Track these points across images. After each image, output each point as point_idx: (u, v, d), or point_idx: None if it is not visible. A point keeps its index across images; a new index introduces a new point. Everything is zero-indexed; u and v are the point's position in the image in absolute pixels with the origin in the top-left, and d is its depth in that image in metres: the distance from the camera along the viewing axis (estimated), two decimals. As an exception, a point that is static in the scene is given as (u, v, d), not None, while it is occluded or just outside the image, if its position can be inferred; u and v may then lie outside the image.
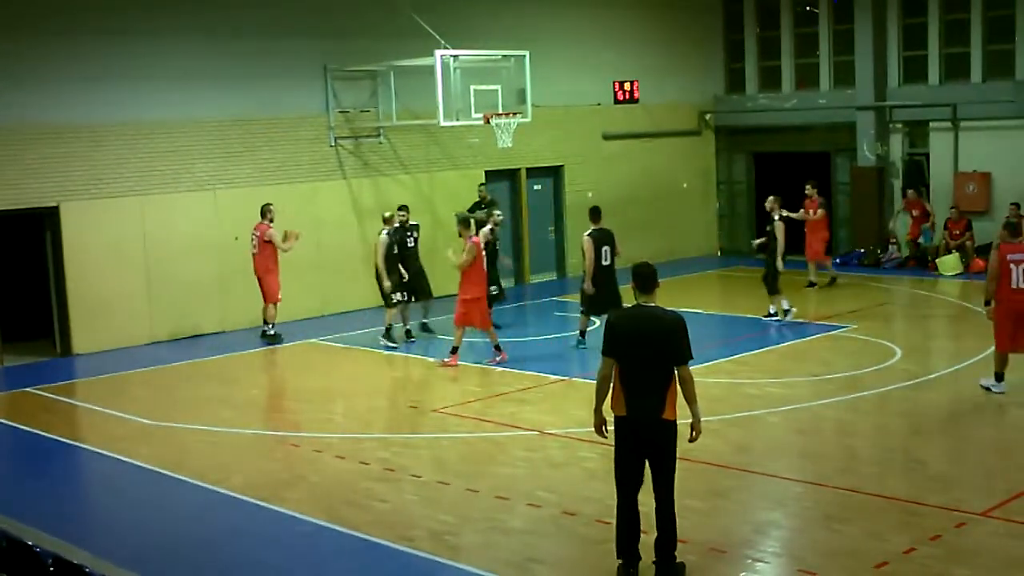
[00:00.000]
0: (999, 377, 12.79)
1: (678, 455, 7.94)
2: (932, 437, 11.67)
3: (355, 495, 10.10)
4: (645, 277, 7.97)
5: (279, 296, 17.37)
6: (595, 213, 15.84)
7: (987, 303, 12.81)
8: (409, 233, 17.25)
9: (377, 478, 10.60)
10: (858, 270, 22.82)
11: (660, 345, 7.81)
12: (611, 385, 7.95)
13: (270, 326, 17.46)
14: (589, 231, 15.73)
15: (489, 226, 17.18)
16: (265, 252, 17.14)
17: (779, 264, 17.21)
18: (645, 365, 7.81)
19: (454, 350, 15.28)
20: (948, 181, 23.10)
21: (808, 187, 21.23)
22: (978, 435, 11.68)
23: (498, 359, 15.25)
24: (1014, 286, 12.45)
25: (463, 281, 15.16)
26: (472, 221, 15.82)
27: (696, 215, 26.35)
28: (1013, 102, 21.94)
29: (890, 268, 22.89)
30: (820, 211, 20.97)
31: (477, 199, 20.24)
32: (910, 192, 23.10)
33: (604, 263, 15.59)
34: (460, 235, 15.53)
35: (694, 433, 8.00)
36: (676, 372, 7.85)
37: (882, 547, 8.35)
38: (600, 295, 15.40)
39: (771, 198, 17.81)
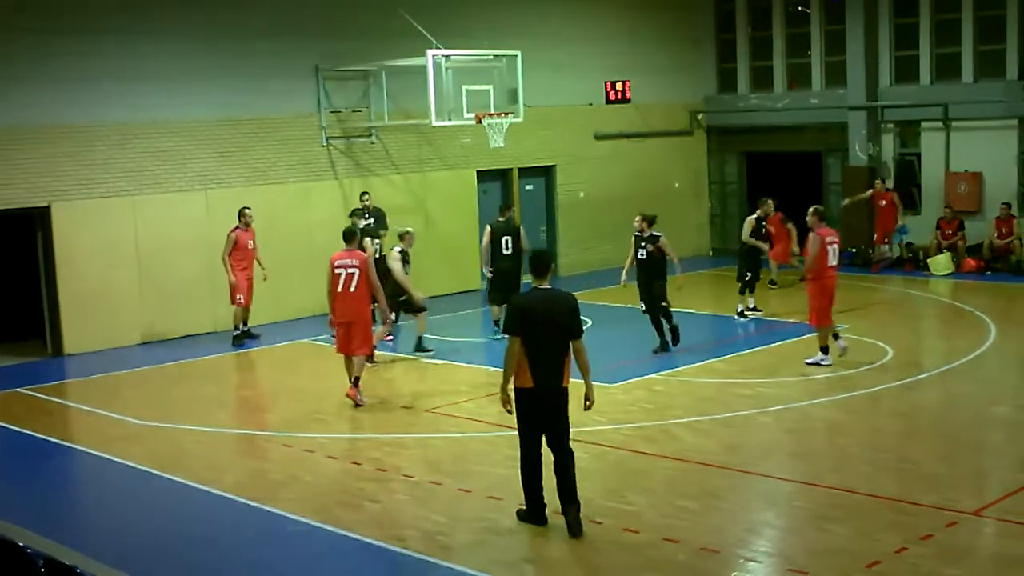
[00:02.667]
0: (826, 350, 14.13)
1: (670, 456, 7.97)
2: (924, 436, 11.69)
3: (347, 495, 10.10)
4: (542, 263, 9.13)
5: (236, 299, 17.34)
6: (503, 207, 17.51)
7: (803, 279, 14.83)
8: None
9: (369, 478, 10.60)
10: (849, 270, 22.81)
11: (563, 322, 8.82)
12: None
13: (236, 328, 17.56)
14: (492, 222, 17.21)
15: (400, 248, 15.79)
16: (232, 254, 17.27)
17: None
18: (551, 340, 8.76)
19: (355, 381, 13.33)
20: (939, 181, 23.14)
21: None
22: (969, 434, 11.70)
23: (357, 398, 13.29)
24: (831, 263, 14.12)
25: None
26: (356, 234, 14.22)
27: (688, 215, 26.34)
28: (1004, 102, 21.99)
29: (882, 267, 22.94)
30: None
31: (359, 206, 18.61)
32: (877, 183, 22.73)
33: (505, 252, 16.94)
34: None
35: (588, 403, 8.91)
36: (571, 345, 8.83)
37: (874, 547, 8.36)
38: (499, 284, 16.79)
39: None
